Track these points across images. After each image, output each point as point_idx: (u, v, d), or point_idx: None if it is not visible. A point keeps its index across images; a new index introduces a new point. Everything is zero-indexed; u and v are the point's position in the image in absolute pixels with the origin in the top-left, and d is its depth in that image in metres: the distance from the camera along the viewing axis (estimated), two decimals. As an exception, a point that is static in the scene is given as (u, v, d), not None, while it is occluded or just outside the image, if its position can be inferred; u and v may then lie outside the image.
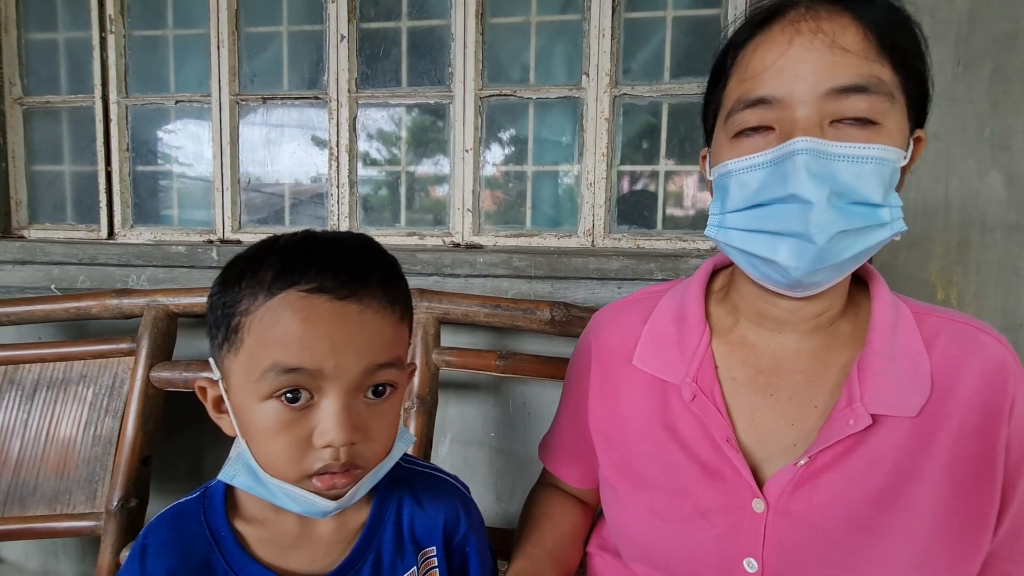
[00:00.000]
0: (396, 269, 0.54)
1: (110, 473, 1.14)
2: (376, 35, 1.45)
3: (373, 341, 0.48)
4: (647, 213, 1.40)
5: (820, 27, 0.47)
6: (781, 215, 0.49)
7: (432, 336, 1.13)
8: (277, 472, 0.48)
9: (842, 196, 0.47)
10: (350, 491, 0.49)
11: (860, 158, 0.46)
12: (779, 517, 0.53)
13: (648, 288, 0.71)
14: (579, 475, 0.74)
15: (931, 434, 0.52)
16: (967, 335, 0.55)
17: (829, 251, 0.48)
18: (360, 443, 0.48)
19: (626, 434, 0.63)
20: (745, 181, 0.51)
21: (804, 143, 0.46)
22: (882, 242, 0.50)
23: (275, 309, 0.46)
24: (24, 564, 1.55)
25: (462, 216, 1.43)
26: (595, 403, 0.67)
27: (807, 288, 0.52)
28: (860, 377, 0.53)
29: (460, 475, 0.67)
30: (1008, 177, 1.09)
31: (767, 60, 0.50)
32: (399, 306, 0.51)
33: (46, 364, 1.21)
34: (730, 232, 0.54)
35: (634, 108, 1.38)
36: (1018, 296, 1.11)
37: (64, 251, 1.42)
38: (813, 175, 0.46)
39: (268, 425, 0.47)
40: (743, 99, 0.51)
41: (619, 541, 0.65)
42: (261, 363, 0.46)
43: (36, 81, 1.59)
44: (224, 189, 1.51)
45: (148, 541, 0.54)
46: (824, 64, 0.47)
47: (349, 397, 0.47)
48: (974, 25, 1.08)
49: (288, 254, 0.49)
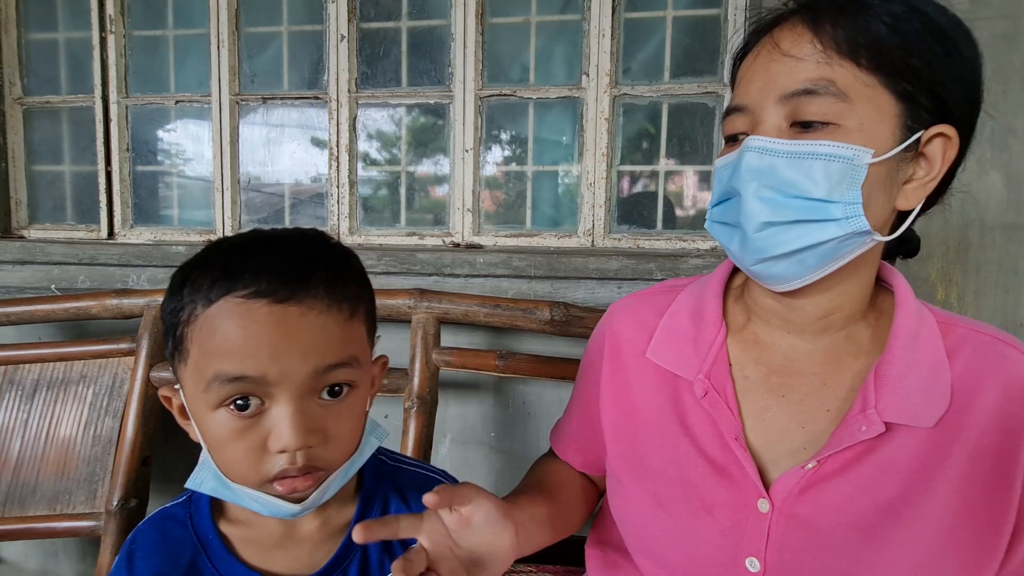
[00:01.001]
0: (346, 266, 0.53)
1: (110, 473, 1.14)
2: (376, 35, 1.45)
3: (318, 343, 0.47)
4: (647, 213, 1.40)
5: (781, 36, 0.51)
6: (729, 208, 0.54)
7: (432, 336, 1.13)
8: (237, 478, 0.48)
9: (777, 190, 0.50)
10: (314, 493, 0.49)
11: (803, 154, 0.49)
12: (784, 519, 0.53)
13: (668, 282, 0.71)
14: (585, 462, 0.74)
15: (947, 447, 0.51)
16: (993, 348, 0.53)
17: (761, 242, 0.51)
18: (318, 445, 0.47)
19: (636, 425, 0.64)
20: (721, 178, 0.56)
21: (752, 141, 0.51)
22: (837, 240, 0.49)
23: (213, 318, 0.46)
24: (24, 564, 1.55)
25: (462, 216, 1.43)
26: (607, 393, 0.67)
27: (776, 281, 0.53)
28: (876, 384, 0.52)
29: (460, 475, 0.67)
30: (1008, 177, 1.09)
31: (744, 73, 0.55)
32: (348, 303, 0.50)
33: (46, 364, 1.22)
34: (713, 224, 0.59)
35: (634, 108, 1.38)
36: (1018, 296, 1.11)
37: (64, 251, 1.42)
38: (750, 170, 0.51)
39: (222, 434, 0.47)
40: (729, 107, 0.56)
41: (623, 532, 0.65)
42: (206, 373, 0.46)
43: (36, 81, 1.59)
44: (224, 189, 1.51)
45: (135, 545, 0.54)
46: (779, 72, 0.51)
47: (301, 400, 0.47)
48: (974, 25, 1.08)
49: (226, 258, 0.48)
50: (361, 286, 0.53)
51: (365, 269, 0.56)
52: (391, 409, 1.37)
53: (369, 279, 0.56)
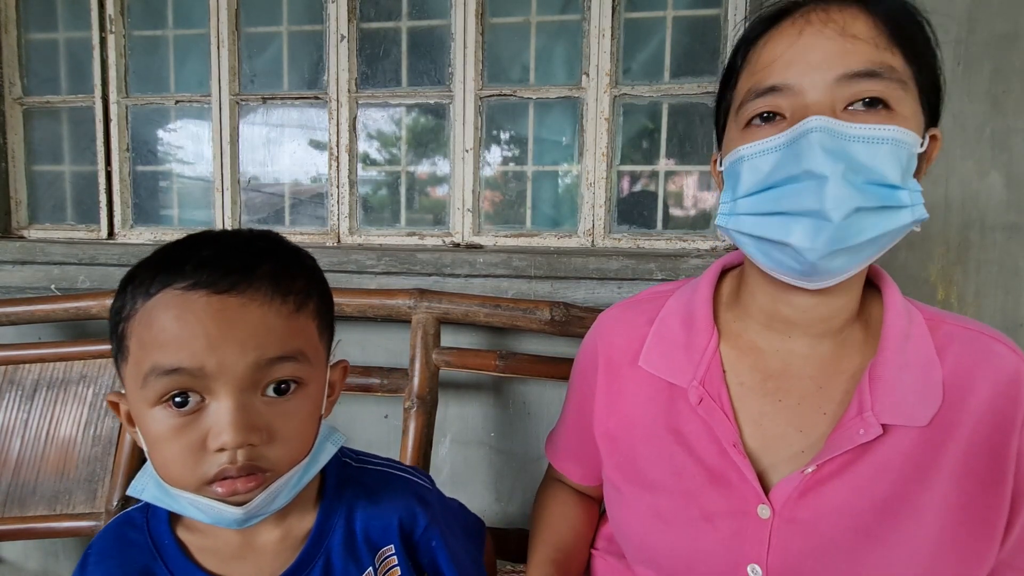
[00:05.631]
0: (295, 261, 0.51)
1: (110, 473, 1.14)
2: (376, 35, 1.45)
3: (259, 334, 0.45)
4: (647, 213, 1.40)
5: (830, 17, 0.48)
6: (795, 194, 0.48)
7: (432, 336, 1.13)
8: (174, 481, 0.46)
9: (858, 174, 0.46)
10: (259, 497, 0.46)
11: (874, 139, 0.46)
12: (784, 524, 0.53)
13: (655, 288, 0.70)
14: (584, 473, 0.74)
15: (941, 444, 0.51)
16: (980, 344, 0.54)
17: (846, 230, 0.47)
18: (262, 444, 0.45)
19: (632, 436, 0.63)
20: (757, 165, 0.51)
21: (818, 122, 0.46)
22: (903, 227, 0.49)
23: (150, 311, 0.44)
24: (24, 564, 1.55)
25: (462, 216, 1.43)
26: (600, 404, 0.66)
27: (822, 276, 0.50)
28: (871, 386, 0.52)
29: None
30: (1008, 177, 1.09)
31: (777, 51, 0.50)
32: (295, 297, 0.48)
33: (46, 364, 1.21)
34: (741, 219, 0.53)
35: (634, 108, 1.38)
36: (1018, 296, 1.11)
37: (64, 251, 1.42)
38: (828, 152, 0.46)
39: (159, 432, 0.45)
40: (754, 89, 0.51)
41: (623, 543, 0.65)
42: (143, 368, 0.44)
43: (36, 81, 1.59)
44: (224, 189, 1.51)
45: (91, 550, 0.53)
46: (835, 51, 0.48)
47: (243, 396, 0.44)
48: (974, 25, 1.08)
49: (167, 254, 0.47)
50: (312, 282, 0.51)
51: (322, 270, 0.54)
52: (391, 409, 1.37)
53: (326, 279, 0.54)
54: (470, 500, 1.49)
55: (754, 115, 0.51)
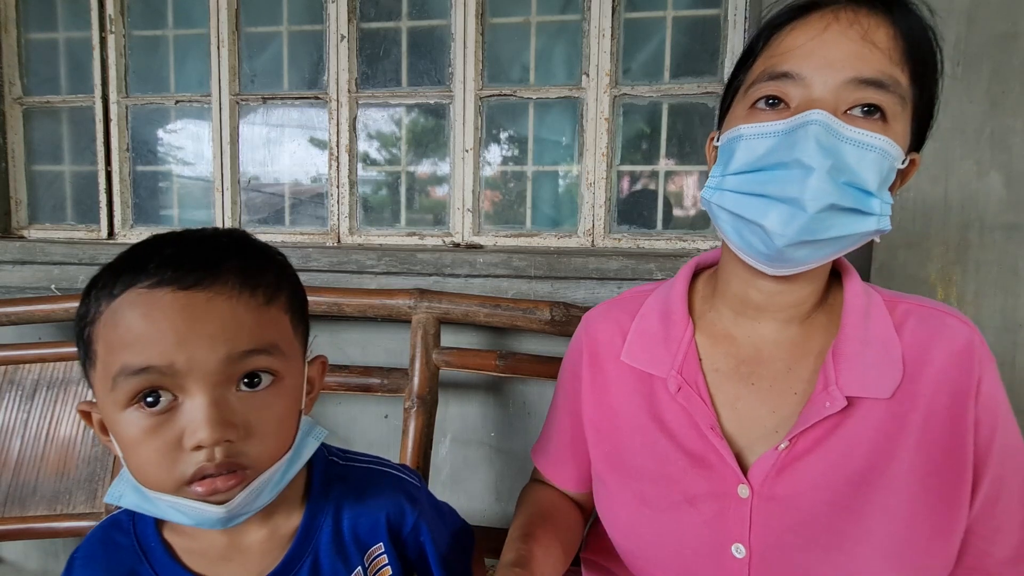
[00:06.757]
0: (263, 256, 0.50)
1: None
2: (376, 35, 1.45)
3: (228, 328, 0.44)
4: (647, 213, 1.40)
5: (858, 19, 0.50)
6: (780, 179, 0.50)
7: (432, 336, 1.13)
8: (151, 484, 0.44)
9: (841, 173, 0.49)
10: (240, 495, 0.45)
11: (865, 144, 0.49)
12: (763, 502, 0.55)
13: (636, 288, 0.74)
14: (577, 476, 0.74)
15: (904, 415, 0.54)
16: (934, 318, 0.57)
17: (817, 223, 0.49)
18: (240, 440, 0.44)
19: (617, 427, 0.65)
20: (753, 146, 0.53)
21: (820, 116, 0.48)
22: (866, 233, 0.51)
23: (115, 311, 0.43)
24: (24, 564, 1.55)
25: (462, 216, 1.43)
26: (588, 398, 0.69)
27: (785, 264, 0.53)
28: (835, 362, 0.55)
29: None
30: (1007, 177, 1.09)
31: (799, 41, 0.52)
32: (264, 290, 0.47)
33: (46, 364, 1.21)
34: (725, 194, 0.55)
35: (634, 108, 1.38)
36: (1018, 296, 1.11)
37: (64, 251, 1.42)
38: (821, 146, 0.48)
39: (132, 435, 0.44)
40: (768, 71, 0.53)
41: (612, 537, 0.66)
42: (112, 370, 0.43)
43: (36, 81, 1.59)
44: (224, 189, 1.51)
45: (77, 554, 0.53)
46: (853, 54, 0.49)
47: (216, 391, 0.43)
48: (973, 25, 1.08)
49: (130, 255, 0.46)
50: (282, 277, 0.50)
51: (293, 266, 0.54)
52: (391, 409, 1.37)
53: (297, 275, 0.53)
54: (470, 500, 1.48)
55: (761, 97, 0.53)
